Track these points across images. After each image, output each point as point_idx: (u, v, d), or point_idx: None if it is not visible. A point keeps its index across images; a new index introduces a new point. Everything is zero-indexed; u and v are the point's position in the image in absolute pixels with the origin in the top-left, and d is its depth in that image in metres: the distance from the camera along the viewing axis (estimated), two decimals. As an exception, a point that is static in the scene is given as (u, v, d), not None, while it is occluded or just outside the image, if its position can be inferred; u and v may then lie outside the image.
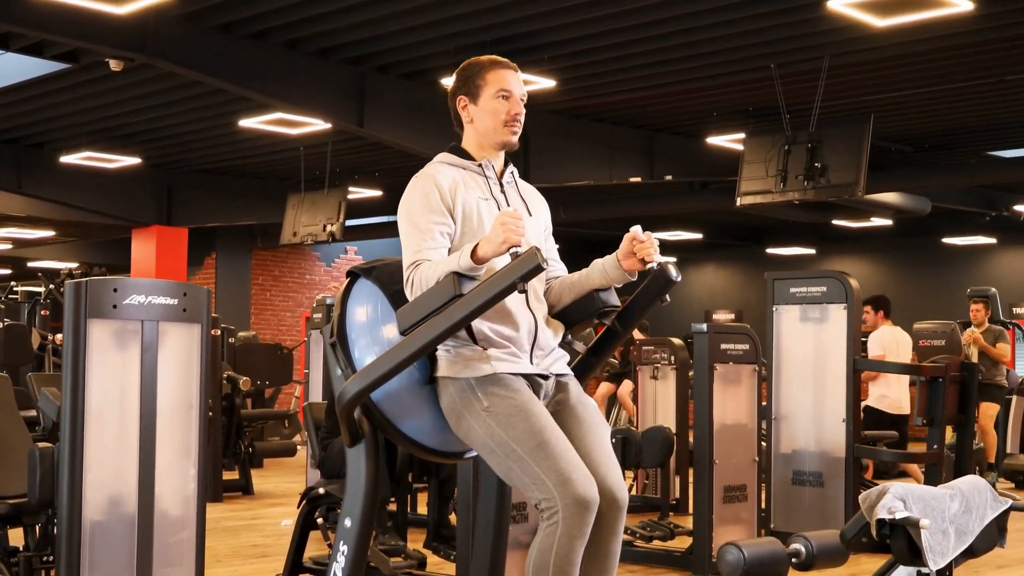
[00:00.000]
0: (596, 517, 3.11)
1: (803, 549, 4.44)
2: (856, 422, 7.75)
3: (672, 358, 9.39)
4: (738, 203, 10.42)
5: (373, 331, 3.38)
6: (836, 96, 10.63)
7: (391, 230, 19.21)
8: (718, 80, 10.80)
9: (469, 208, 3.33)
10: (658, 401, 9.55)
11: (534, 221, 3.45)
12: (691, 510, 8.47)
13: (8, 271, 23.02)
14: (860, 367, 7.89)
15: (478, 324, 3.22)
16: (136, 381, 4.62)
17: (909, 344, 10.33)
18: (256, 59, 10.14)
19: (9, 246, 21.28)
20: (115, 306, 4.55)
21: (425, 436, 3.39)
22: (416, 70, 10.84)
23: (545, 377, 3.31)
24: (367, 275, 3.46)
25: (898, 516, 3.94)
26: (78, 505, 4.46)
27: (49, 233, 19.85)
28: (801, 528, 5.24)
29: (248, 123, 12.16)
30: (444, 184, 3.32)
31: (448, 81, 10.59)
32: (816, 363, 7.92)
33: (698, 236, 19.80)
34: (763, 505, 7.67)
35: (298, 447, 11.83)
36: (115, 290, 4.56)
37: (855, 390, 7.75)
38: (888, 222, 17.41)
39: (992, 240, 18.72)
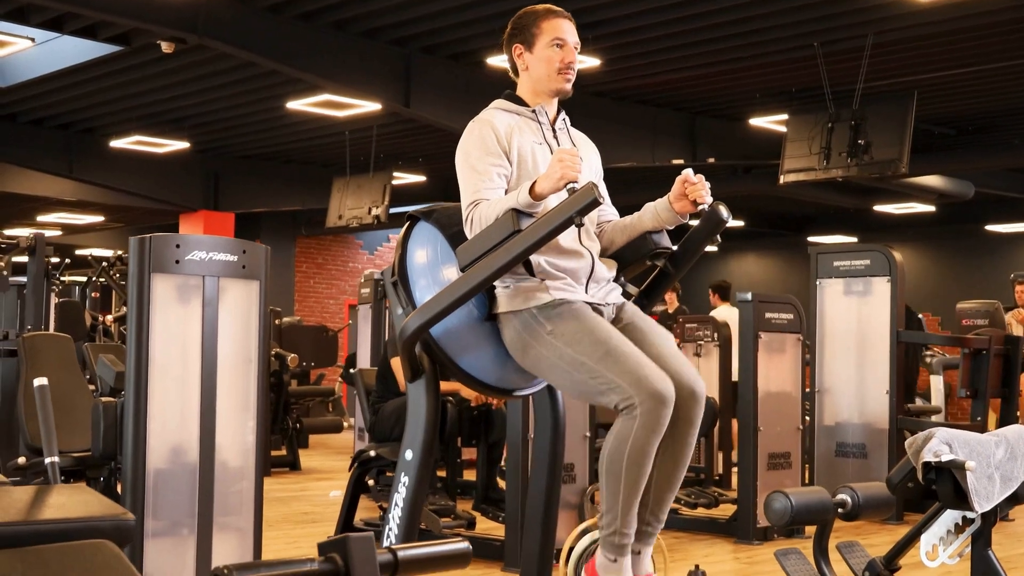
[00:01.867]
0: (674, 409, 3.15)
1: (849, 499, 4.56)
2: (899, 394, 7.80)
3: (715, 335, 9.45)
4: (781, 180, 10.47)
5: (433, 272, 3.49)
6: (879, 75, 10.64)
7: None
8: (761, 60, 10.84)
9: (524, 152, 3.44)
10: (699, 369, 9.64)
11: (585, 166, 3.55)
12: (734, 484, 8.57)
13: (57, 259, 23.36)
14: (904, 339, 7.94)
15: (535, 258, 3.32)
16: (197, 334, 4.75)
17: None
18: (304, 40, 10.30)
19: (59, 232, 21.61)
20: (178, 261, 4.69)
21: (482, 372, 3.49)
22: (462, 51, 10.95)
23: (602, 306, 3.39)
24: (426, 218, 3.58)
25: (944, 459, 4.03)
26: (142, 454, 4.59)
27: (98, 218, 20.15)
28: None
29: (296, 105, 12.33)
30: (500, 128, 3.44)
31: (494, 61, 10.77)
32: (859, 336, 7.98)
33: (740, 224, 19.84)
34: (806, 475, 7.75)
35: (344, 426, 11.98)
36: (178, 246, 4.70)
37: (899, 362, 7.81)
38: (931, 208, 17.37)
39: (1037, 228, 18.63)
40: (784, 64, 10.94)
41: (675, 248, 3.56)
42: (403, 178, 15.87)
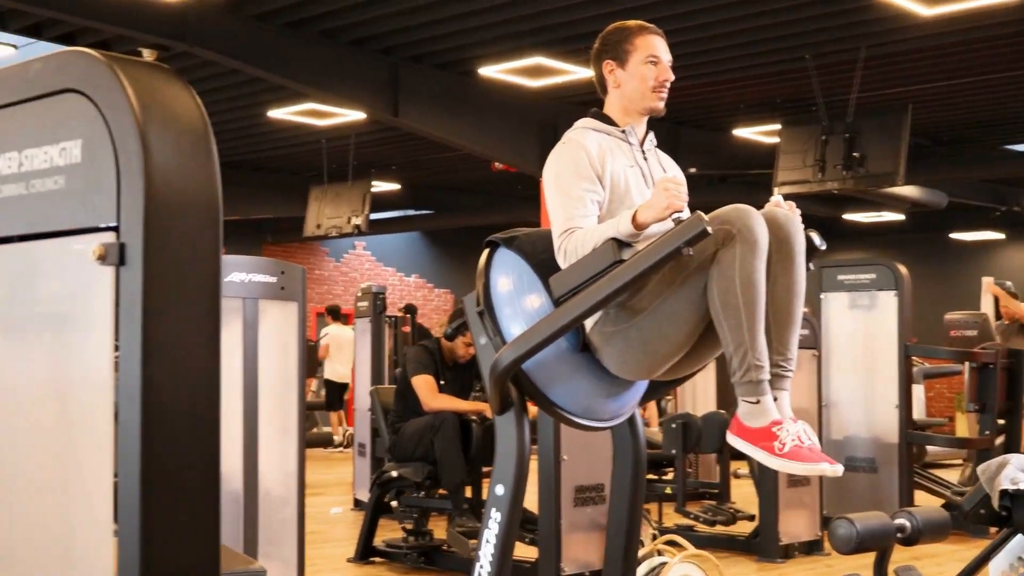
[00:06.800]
0: (771, 233, 3.06)
1: (909, 524, 4.49)
2: (908, 407, 7.79)
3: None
4: (775, 193, 10.44)
5: (518, 301, 3.37)
6: (872, 87, 10.66)
7: (407, 224, 19.29)
8: (749, 72, 10.82)
9: (617, 175, 3.33)
10: (696, 386, 9.60)
11: None
12: (732, 497, 8.52)
13: None
14: (912, 353, 7.93)
15: None
16: (239, 359, 4.62)
17: (351, 339, 12.60)
18: (292, 49, 10.13)
19: None
20: (218, 284, 4.55)
21: (571, 403, 3.38)
22: (451, 60, 10.84)
23: None
24: (508, 244, 3.45)
25: (1023, 486, 3.99)
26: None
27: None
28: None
29: (277, 114, 12.16)
30: (592, 150, 3.32)
31: (484, 71, 10.66)
32: (865, 349, 7.96)
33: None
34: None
35: (334, 437, 11.77)
36: (218, 267, 4.56)
37: (907, 376, 7.80)
38: (900, 217, 17.49)
39: (1001, 236, 18.81)
40: (773, 76, 10.93)
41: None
42: (377, 186, 15.72)
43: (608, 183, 3.32)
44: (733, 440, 3.14)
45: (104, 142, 1.85)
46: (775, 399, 3.10)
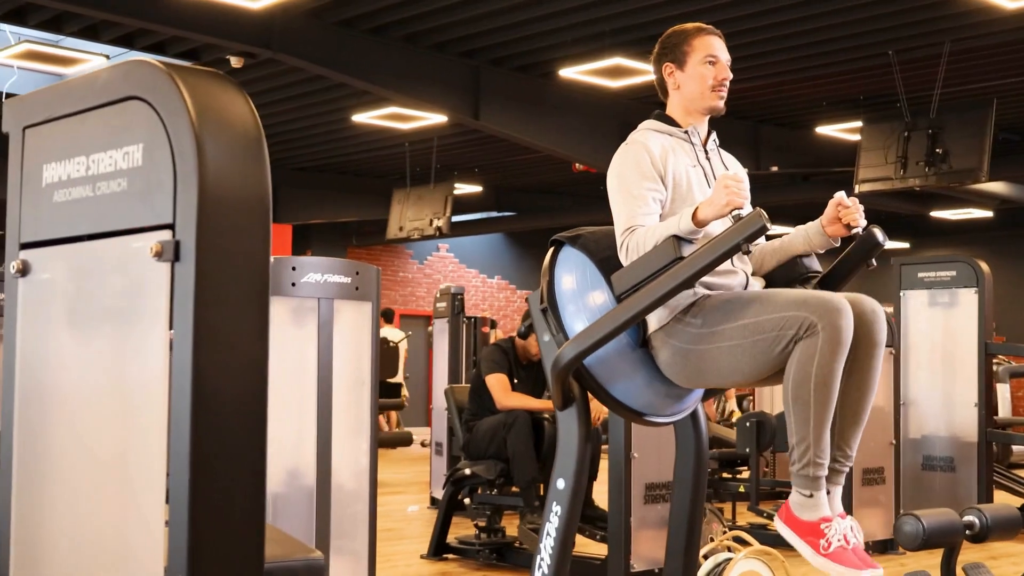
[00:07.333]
0: (854, 329, 3.05)
1: (977, 521, 4.48)
2: (989, 407, 7.70)
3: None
4: (856, 191, 10.36)
5: (581, 298, 3.44)
6: (955, 82, 10.54)
7: (489, 226, 19.43)
8: (831, 69, 10.76)
9: (679, 175, 3.38)
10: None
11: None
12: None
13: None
14: (992, 351, 7.83)
15: None
16: (313, 357, 4.73)
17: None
18: (375, 54, 10.30)
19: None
20: (294, 284, 4.67)
21: (633, 399, 3.44)
22: (531, 62, 10.93)
23: None
24: (573, 243, 3.52)
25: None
26: (260, 478, 4.57)
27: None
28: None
29: (361, 118, 12.35)
30: (655, 150, 3.38)
31: (565, 72, 10.74)
32: (945, 347, 7.88)
33: (790, 230, 19.70)
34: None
35: (413, 437, 11.94)
36: (294, 268, 4.69)
37: (987, 374, 7.71)
38: (988, 214, 17.21)
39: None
40: (855, 72, 10.86)
41: (825, 272, 3.51)
42: (460, 188, 15.87)
43: (670, 182, 3.37)
44: (780, 527, 3.23)
45: (163, 146, 1.95)
46: (827, 492, 3.15)
